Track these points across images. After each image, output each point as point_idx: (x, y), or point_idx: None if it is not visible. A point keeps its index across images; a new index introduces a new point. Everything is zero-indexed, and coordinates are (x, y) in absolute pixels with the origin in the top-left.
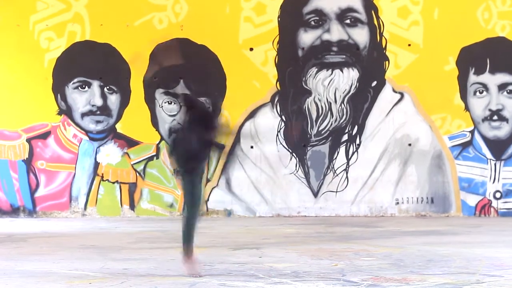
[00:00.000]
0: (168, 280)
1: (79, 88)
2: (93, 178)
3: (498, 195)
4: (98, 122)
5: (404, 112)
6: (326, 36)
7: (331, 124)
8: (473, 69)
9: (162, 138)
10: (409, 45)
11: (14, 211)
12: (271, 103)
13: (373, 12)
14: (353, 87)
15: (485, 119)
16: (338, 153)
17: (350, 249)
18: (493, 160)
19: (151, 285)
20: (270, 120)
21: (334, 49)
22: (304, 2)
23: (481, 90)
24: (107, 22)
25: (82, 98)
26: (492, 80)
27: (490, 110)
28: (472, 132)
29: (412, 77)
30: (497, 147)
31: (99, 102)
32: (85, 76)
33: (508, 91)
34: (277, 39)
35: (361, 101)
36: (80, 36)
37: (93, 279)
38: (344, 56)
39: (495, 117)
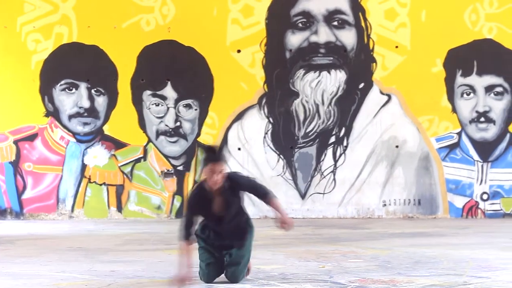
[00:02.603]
0: (156, 282)
1: (66, 90)
2: (80, 180)
3: (485, 196)
4: (85, 124)
5: (391, 114)
6: (313, 38)
7: (319, 126)
8: (460, 71)
9: (149, 140)
10: (397, 47)
11: (1, 213)
12: (258, 105)
13: (360, 14)
14: (340, 89)
15: (472, 121)
16: (325, 155)
17: (338, 251)
18: (480, 161)
19: (138, 287)
20: (257, 122)
21: (322, 51)
22: (292, 4)
23: (468, 92)
24: (94, 24)
25: (69, 100)
26: (479, 82)
27: (477, 112)
28: (459, 134)
29: (399, 79)
30: (484, 148)
31: (86, 104)
32: (72, 78)
33: (495, 93)
34: (265, 41)
35: (348, 103)
36: (67, 38)
37: (81, 281)
38: (331, 58)
39: (482, 119)
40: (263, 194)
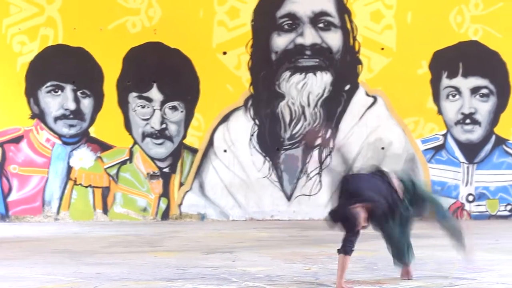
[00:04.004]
0: (141, 285)
1: (52, 92)
2: (66, 182)
3: (471, 198)
4: (71, 126)
5: (377, 115)
6: (299, 40)
7: (305, 127)
8: (446, 73)
9: (135, 142)
10: (382, 49)
11: None
12: (244, 107)
13: (346, 16)
14: (326, 90)
15: (457, 122)
16: (311, 156)
17: (324, 253)
18: (465, 163)
19: None
20: (243, 124)
21: (308, 53)
22: (277, 6)
23: (453, 94)
24: (80, 26)
25: (55, 102)
26: (465, 83)
27: (462, 113)
28: (445, 135)
29: (385, 80)
30: (470, 150)
31: (72, 106)
32: (58, 80)
33: (480, 94)
34: (251, 43)
35: (334, 105)
36: (53, 40)
37: (66, 283)
38: (317, 60)
39: (468, 121)
40: None
